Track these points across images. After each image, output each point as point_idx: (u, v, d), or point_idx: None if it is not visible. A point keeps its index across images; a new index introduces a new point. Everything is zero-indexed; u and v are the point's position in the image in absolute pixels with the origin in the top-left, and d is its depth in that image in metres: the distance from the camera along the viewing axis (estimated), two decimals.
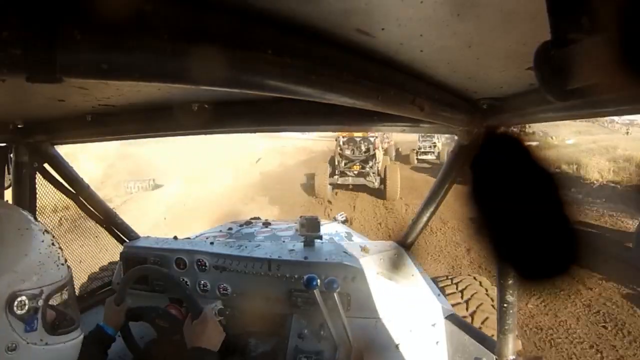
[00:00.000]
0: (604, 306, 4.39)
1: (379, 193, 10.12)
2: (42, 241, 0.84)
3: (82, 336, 0.91)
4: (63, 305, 0.86)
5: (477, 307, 2.46)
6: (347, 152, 10.69)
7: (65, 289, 0.86)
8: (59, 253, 0.86)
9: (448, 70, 0.83)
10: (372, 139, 10.91)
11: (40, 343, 0.79)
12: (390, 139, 18.54)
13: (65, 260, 0.88)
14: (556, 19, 0.37)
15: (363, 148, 10.79)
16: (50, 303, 0.82)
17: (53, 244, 0.86)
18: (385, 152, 17.58)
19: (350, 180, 10.42)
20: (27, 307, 0.77)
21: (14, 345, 0.75)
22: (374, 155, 10.62)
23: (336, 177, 10.40)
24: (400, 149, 18.49)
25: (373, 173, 10.32)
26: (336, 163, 10.55)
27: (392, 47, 0.68)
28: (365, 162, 10.52)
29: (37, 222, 0.87)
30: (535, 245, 0.43)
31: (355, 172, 10.45)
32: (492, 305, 2.42)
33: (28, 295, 0.77)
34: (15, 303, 0.76)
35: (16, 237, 0.80)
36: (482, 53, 0.71)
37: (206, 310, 1.32)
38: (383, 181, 9.98)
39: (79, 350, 0.90)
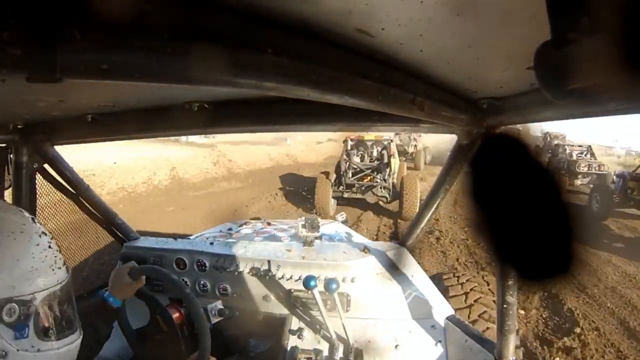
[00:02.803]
0: None
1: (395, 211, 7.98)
2: (38, 244, 0.81)
3: (79, 340, 0.88)
4: (58, 310, 0.83)
5: (482, 314, 2.47)
6: (356, 159, 8.61)
7: (62, 293, 0.83)
8: (55, 256, 0.83)
9: (448, 70, 0.83)
10: (386, 142, 8.85)
11: (31, 350, 0.77)
12: (419, 141, 15.32)
13: (64, 263, 0.86)
14: (556, 19, 0.37)
15: (375, 154, 8.80)
16: (43, 309, 0.79)
17: (50, 246, 0.83)
18: (413, 157, 14.72)
19: (358, 195, 8.40)
20: (17, 314, 0.75)
21: (3, 352, 0.73)
22: (387, 164, 8.45)
23: (342, 188, 8.36)
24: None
25: (384, 187, 8.20)
26: (342, 171, 8.44)
27: (392, 47, 0.68)
28: (376, 171, 8.44)
29: (34, 224, 0.84)
30: (535, 246, 0.43)
31: (366, 185, 8.34)
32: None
33: (18, 302, 0.75)
34: (5, 310, 0.73)
35: (8, 241, 0.77)
36: (482, 53, 0.71)
37: None
38: (399, 196, 7.78)
39: (76, 353, 0.88)
